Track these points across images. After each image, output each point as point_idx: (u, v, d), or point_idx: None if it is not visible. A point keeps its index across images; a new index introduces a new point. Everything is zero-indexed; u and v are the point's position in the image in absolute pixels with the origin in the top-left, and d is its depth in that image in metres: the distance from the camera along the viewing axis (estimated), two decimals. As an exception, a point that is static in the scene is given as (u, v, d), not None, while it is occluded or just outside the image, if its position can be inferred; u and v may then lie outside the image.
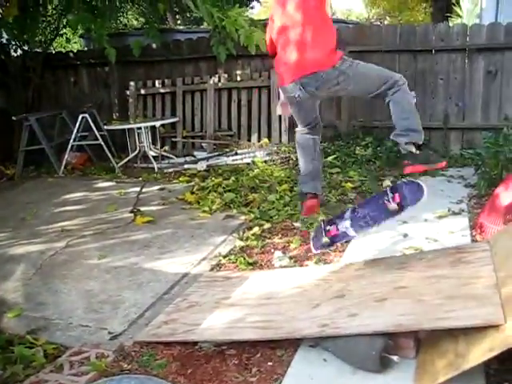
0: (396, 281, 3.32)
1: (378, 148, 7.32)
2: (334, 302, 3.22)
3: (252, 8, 18.85)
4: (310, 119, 4.31)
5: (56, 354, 3.20)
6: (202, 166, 7.23)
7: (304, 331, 2.95)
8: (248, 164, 7.17)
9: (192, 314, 3.47)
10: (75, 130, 7.97)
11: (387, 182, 6.00)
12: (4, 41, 8.67)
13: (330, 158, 6.94)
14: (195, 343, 3.15)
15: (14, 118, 8.07)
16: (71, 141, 7.97)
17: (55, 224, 5.58)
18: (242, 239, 4.77)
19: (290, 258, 4.33)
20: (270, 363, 2.92)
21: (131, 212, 5.77)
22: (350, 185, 6.02)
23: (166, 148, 8.56)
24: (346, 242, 4.36)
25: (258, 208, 5.47)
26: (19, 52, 9.10)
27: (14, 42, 8.81)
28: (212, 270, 4.24)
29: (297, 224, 5.06)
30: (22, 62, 8.95)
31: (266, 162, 7.13)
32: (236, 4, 6.56)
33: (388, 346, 2.71)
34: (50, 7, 8.79)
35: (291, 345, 3.02)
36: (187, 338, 3.18)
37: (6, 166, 8.30)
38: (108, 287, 4.03)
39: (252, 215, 5.31)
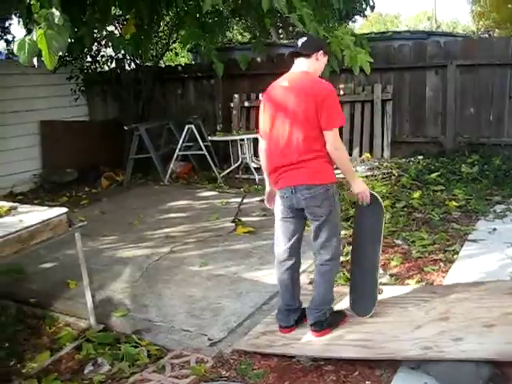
0: (505, 306, 3.16)
1: (485, 166, 6.99)
2: (437, 325, 3.12)
3: (354, 22, 18.66)
4: None
5: (158, 355, 3.34)
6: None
7: (405, 353, 2.88)
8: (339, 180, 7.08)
9: (290, 326, 3.47)
10: (181, 140, 8.28)
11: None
12: (120, 56, 9.20)
13: (433, 175, 6.73)
14: (293, 356, 3.16)
15: (125, 127, 8.52)
16: (177, 150, 8.29)
17: (160, 230, 5.82)
18: (341, 254, 4.71)
19: (391, 275, 4.24)
20: (368, 382, 2.88)
21: (232, 222, 5.89)
22: (454, 203, 5.80)
23: (267, 160, 8.65)
24: (449, 262, 4.21)
25: (358, 223, 5.38)
26: (132, 66, 9.61)
27: (128, 57, 9.33)
28: (310, 283, 4.22)
29: (398, 241, 4.94)
30: (134, 76, 9.46)
31: (367, 176, 7.01)
32: (342, 20, 6.57)
33: (495, 376, 2.58)
34: (162, 24, 9.22)
35: (391, 365, 2.96)
36: (286, 351, 3.20)
37: (116, 173, 8.77)
38: (209, 294, 4.13)
39: (351, 230, 5.23)
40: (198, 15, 6.62)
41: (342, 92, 8.21)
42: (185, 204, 6.93)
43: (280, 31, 19.07)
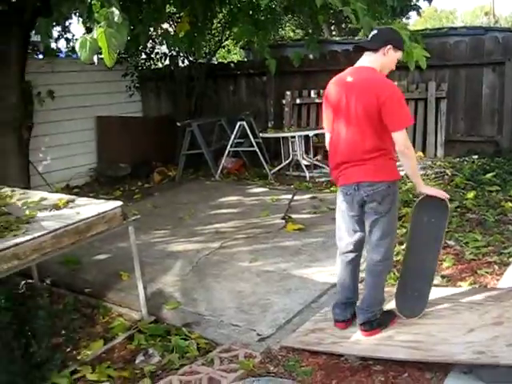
0: None
1: (544, 166, 6.77)
2: (490, 329, 3.04)
3: (408, 18, 18.26)
4: None
5: (207, 348, 3.39)
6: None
7: (457, 356, 2.82)
8: (401, 177, 6.98)
9: (339, 325, 3.46)
10: (232, 137, 8.35)
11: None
12: (174, 53, 9.34)
13: (488, 176, 6.55)
14: (341, 354, 3.15)
15: (178, 123, 8.66)
16: (228, 147, 8.37)
17: (210, 225, 5.89)
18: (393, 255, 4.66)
19: (442, 276, 4.16)
20: (417, 384, 2.84)
21: (283, 219, 5.90)
22: (510, 205, 5.62)
23: (319, 157, 8.64)
24: (504, 265, 4.09)
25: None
26: (186, 63, 9.75)
27: (182, 54, 9.47)
28: (361, 282, 4.19)
29: (451, 242, 4.84)
30: (187, 72, 9.59)
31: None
32: (395, 15, 6.47)
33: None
34: (215, 21, 9.32)
35: (441, 368, 2.90)
36: (334, 349, 3.19)
37: (168, 168, 8.93)
38: (258, 290, 4.16)
39: (404, 230, 5.16)
40: (251, 12, 6.66)
41: (396, 89, 8.07)
42: (235, 200, 6.99)
43: (332, 28, 18.93)
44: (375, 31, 3.24)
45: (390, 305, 3.51)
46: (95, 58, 2.87)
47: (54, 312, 3.18)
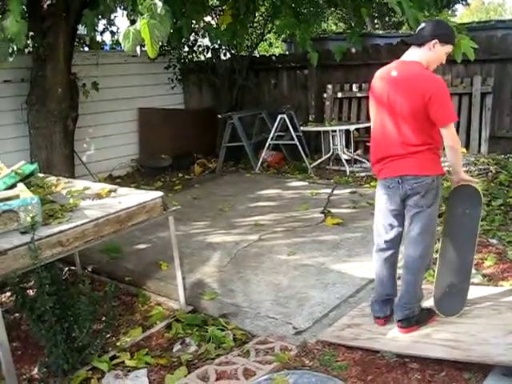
0: None
1: None
2: (533, 330, 2.97)
3: (455, 11, 17.86)
4: None
5: (244, 339, 3.42)
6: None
7: (497, 358, 2.76)
8: (445, 173, 6.87)
9: (376, 321, 3.44)
10: (273, 130, 8.35)
11: None
12: (216, 46, 9.39)
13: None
14: (377, 351, 3.13)
15: (219, 116, 8.72)
16: (269, 140, 8.38)
17: (249, 218, 5.92)
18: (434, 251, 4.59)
19: (484, 275, 4.07)
20: (454, 384, 2.80)
21: (322, 213, 5.88)
22: None
23: (359, 152, 8.56)
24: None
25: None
26: (228, 56, 9.79)
27: (224, 47, 9.51)
28: (399, 278, 4.14)
29: (493, 240, 4.74)
30: (229, 65, 9.63)
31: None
32: (441, 8, 6.33)
33: None
34: (257, 14, 9.32)
35: (481, 369, 2.85)
36: (371, 345, 3.17)
37: (208, 160, 9.00)
38: (295, 283, 4.16)
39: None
40: (293, 5, 6.62)
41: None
42: (274, 193, 7.00)
43: (376, 21, 18.69)
44: (423, 25, 3.17)
45: (429, 302, 3.46)
46: (138, 50, 2.90)
47: (95, 298, 3.24)
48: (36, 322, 3.00)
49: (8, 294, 4.18)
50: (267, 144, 8.40)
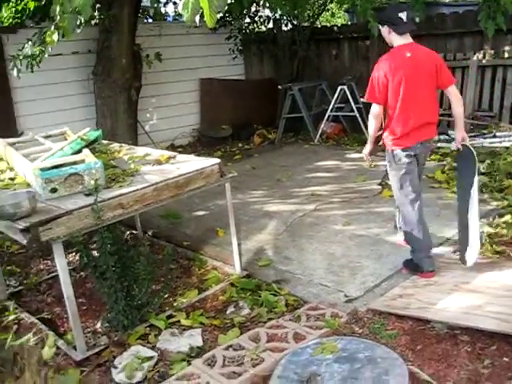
0: None
1: None
2: None
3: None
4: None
5: (295, 305, 3.50)
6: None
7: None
8: (507, 148, 6.65)
9: (428, 292, 3.44)
10: (333, 101, 8.30)
11: None
12: (277, 16, 9.35)
13: None
14: (427, 321, 3.13)
15: (279, 86, 8.73)
16: (328, 111, 8.34)
17: (306, 188, 5.96)
18: (491, 225, 4.50)
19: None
20: (505, 359, 2.75)
21: (379, 184, 5.84)
22: None
23: (420, 125, 8.38)
24: None
25: (514, 195, 5.08)
26: (289, 26, 9.72)
27: (285, 18, 9.45)
28: (454, 252, 4.10)
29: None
30: (290, 36, 9.57)
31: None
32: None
33: None
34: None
35: (533, 344, 2.82)
36: (421, 314, 3.17)
37: (268, 131, 9.06)
38: (349, 253, 4.19)
39: (506, 202, 4.96)
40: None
41: (506, 55, 7.61)
42: (332, 164, 6.99)
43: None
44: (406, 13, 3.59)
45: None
46: (197, 19, 2.95)
47: (154, 260, 3.40)
48: (99, 279, 3.19)
49: (74, 253, 4.43)
50: (326, 115, 8.36)
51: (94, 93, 7.32)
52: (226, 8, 7.09)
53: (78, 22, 4.16)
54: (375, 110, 3.76)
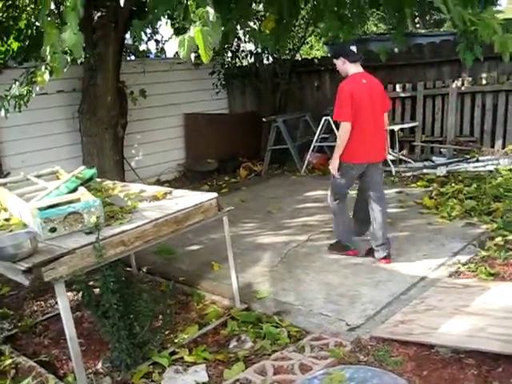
0: None
1: None
2: None
3: (499, 6, 17.43)
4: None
5: (298, 336, 3.50)
6: (441, 171, 7.07)
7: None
8: (491, 171, 6.81)
9: (429, 317, 3.46)
10: (318, 132, 8.41)
11: None
12: (259, 50, 9.52)
13: None
14: (431, 346, 3.15)
15: (264, 119, 8.83)
16: (313, 142, 8.43)
17: (297, 219, 6.00)
18: (483, 248, 4.58)
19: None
20: (512, 380, 2.79)
21: (368, 212, 5.89)
22: None
23: (404, 152, 8.52)
24: None
25: (502, 218, 5.16)
26: (270, 60, 9.90)
27: (266, 52, 9.63)
28: (450, 276, 4.15)
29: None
30: (272, 69, 9.73)
31: (511, 170, 6.68)
32: (486, 5, 6.22)
33: None
34: (298, 18, 9.38)
35: (539, 364, 2.85)
36: (424, 340, 3.19)
37: (253, 163, 9.13)
38: (346, 282, 4.21)
39: (495, 225, 5.04)
40: (335, 8, 6.65)
41: (484, 81, 7.84)
42: (321, 194, 7.01)
43: (416, 20, 18.50)
44: (355, 46, 4.67)
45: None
46: (192, 56, 3.03)
47: (155, 296, 3.38)
48: (101, 318, 3.15)
49: (69, 293, 4.36)
50: (312, 146, 8.46)
51: (80, 131, 7.30)
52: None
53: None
54: (347, 127, 4.31)
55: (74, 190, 3.70)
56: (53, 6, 4.22)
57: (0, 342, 3.78)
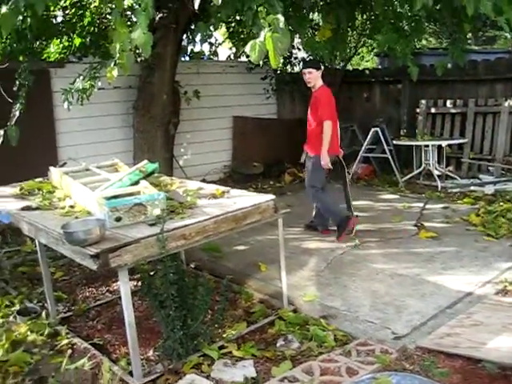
0: None
1: None
2: None
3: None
4: None
5: (344, 340, 3.55)
6: (489, 189, 7.03)
7: None
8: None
9: (477, 332, 3.47)
10: (365, 143, 8.44)
11: None
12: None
13: None
14: (478, 361, 3.17)
15: (312, 127, 8.88)
16: (360, 152, 8.47)
17: (342, 227, 6.03)
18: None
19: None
20: (560, 398, 2.80)
21: (415, 225, 5.91)
22: None
23: (451, 168, 8.49)
24: None
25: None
26: (321, 68, 9.98)
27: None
28: (497, 294, 4.15)
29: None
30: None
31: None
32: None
33: None
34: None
35: None
36: (471, 353, 3.21)
37: (298, 170, 9.18)
38: (392, 291, 4.25)
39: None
40: (393, 20, 6.69)
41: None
42: (365, 204, 7.09)
43: (468, 36, 18.29)
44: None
45: None
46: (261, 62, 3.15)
47: (210, 290, 3.48)
48: (158, 307, 3.28)
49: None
50: (359, 156, 8.50)
51: (133, 126, 7.52)
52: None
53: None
54: (330, 125, 5.47)
55: (136, 182, 3.86)
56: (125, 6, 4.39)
57: (57, 323, 3.95)
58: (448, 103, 8.75)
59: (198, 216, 3.34)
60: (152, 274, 3.35)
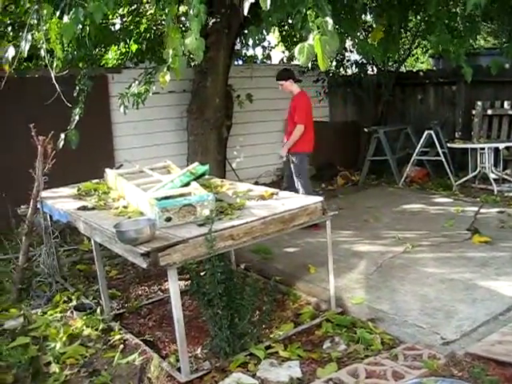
0: None
1: None
2: None
3: None
4: None
5: (391, 344, 3.53)
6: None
7: None
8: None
9: (530, 340, 3.39)
10: (419, 146, 8.32)
11: None
12: (364, 61, 9.56)
13: None
14: (529, 370, 3.10)
15: (365, 129, 8.85)
16: (414, 155, 8.35)
17: (393, 230, 5.99)
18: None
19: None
20: None
21: (468, 230, 5.78)
22: None
23: (508, 172, 8.24)
24: None
25: None
26: (374, 70, 9.91)
27: (371, 62, 9.65)
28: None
29: None
30: (375, 80, 9.74)
31: None
32: None
33: None
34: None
35: None
36: (524, 362, 3.14)
37: (350, 173, 9.16)
38: (442, 296, 4.18)
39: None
40: (447, 21, 6.57)
41: None
42: (418, 208, 6.99)
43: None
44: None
45: None
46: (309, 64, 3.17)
47: (257, 291, 3.53)
48: (206, 306, 3.35)
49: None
50: (412, 159, 8.39)
51: (187, 130, 7.67)
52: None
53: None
54: (303, 128, 6.29)
55: (187, 184, 3.96)
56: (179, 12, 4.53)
57: (110, 319, 4.10)
58: (506, 104, 8.51)
59: (246, 217, 3.40)
60: (202, 274, 3.41)
